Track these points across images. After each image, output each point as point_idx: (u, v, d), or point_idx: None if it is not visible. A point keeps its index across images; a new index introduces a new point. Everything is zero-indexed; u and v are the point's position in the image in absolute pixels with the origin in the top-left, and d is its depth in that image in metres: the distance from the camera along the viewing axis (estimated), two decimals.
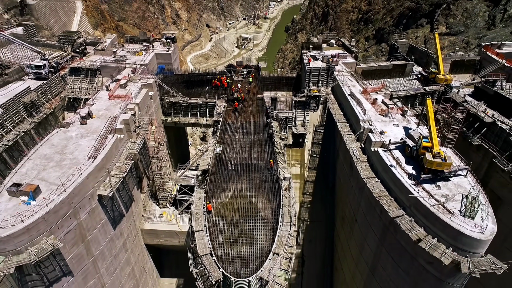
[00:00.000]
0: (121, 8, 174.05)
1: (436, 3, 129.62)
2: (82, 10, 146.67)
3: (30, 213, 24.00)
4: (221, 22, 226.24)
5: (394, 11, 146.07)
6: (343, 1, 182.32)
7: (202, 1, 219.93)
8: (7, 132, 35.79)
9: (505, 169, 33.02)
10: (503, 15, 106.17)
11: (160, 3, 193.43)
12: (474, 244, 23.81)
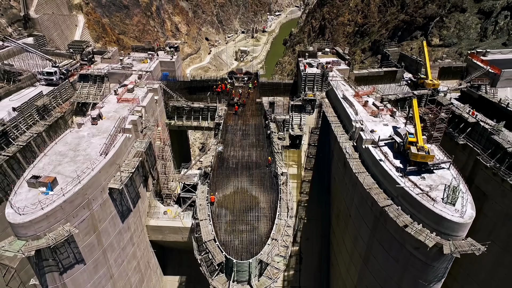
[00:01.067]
0: (121, 22, 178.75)
1: (429, 16, 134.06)
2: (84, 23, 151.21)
3: (48, 202, 26.45)
4: (220, 36, 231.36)
5: (389, 23, 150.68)
6: (339, 14, 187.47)
7: (201, 15, 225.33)
8: (21, 133, 38.42)
9: (488, 165, 35.63)
10: (494, 27, 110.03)
11: (160, 17, 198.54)
12: (455, 228, 26.27)
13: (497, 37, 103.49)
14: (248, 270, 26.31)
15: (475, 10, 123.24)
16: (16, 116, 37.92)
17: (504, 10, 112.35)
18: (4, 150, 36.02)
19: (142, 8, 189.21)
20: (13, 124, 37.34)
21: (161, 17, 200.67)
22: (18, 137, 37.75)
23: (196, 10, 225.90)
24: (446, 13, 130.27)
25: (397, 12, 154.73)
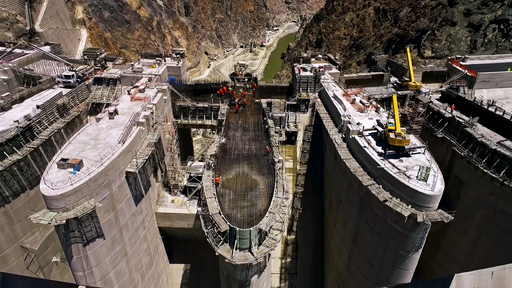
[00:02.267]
0: (123, 36, 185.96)
1: (422, 30, 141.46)
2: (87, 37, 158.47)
3: (76, 179, 31.06)
4: (219, 50, 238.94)
5: (383, 37, 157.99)
6: (335, 28, 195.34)
7: (200, 30, 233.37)
8: (44, 128, 43.18)
9: (462, 154, 40.45)
10: (483, 40, 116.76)
11: (160, 32, 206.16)
12: (426, 199, 30.91)
13: (486, 49, 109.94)
14: (249, 238, 30.73)
15: (465, 24, 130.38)
16: (40, 113, 42.76)
17: (492, 23, 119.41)
18: (29, 142, 40.74)
19: (143, 23, 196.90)
20: (37, 120, 42.14)
21: (162, 31, 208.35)
22: (41, 131, 42.52)
23: (195, 25, 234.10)
24: (437, 26, 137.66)
25: (391, 26, 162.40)
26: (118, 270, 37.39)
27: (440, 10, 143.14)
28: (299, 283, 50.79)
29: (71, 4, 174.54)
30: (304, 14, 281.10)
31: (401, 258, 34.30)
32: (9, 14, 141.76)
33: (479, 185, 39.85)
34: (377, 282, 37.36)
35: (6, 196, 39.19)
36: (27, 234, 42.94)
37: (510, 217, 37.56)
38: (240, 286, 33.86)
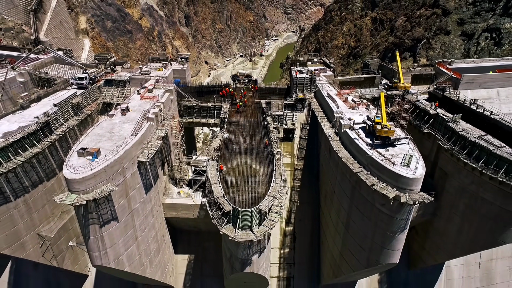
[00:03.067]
0: (125, 46, 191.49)
1: (417, 38, 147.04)
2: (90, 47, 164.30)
3: (95, 165, 35.00)
4: (219, 59, 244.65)
5: (380, 46, 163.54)
6: (333, 38, 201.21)
7: (201, 39, 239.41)
8: (60, 125, 47.23)
9: (445, 147, 44.47)
10: (476, 48, 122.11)
11: (161, 41, 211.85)
12: (409, 182, 34.81)
13: (479, 56, 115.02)
14: (250, 217, 34.53)
15: (458, 33, 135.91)
16: (57, 111, 46.86)
17: (485, 32, 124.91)
18: (47, 137, 44.75)
19: (144, 32, 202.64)
20: (54, 117, 46.22)
21: (163, 41, 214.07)
22: (57, 128, 46.57)
23: (196, 35, 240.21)
24: (432, 35, 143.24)
25: (387, 35, 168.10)
26: (129, 253, 41.05)
27: (435, 20, 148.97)
28: (297, 272, 54.36)
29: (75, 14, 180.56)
30: (302, 25, 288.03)
31: (389, 239, 38.04)
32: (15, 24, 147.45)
33: (461, 176, 43.75)
34: (368, 263, 41.03)
35: (26, 186, 42.98)
36: (43, 223, 46.64)
37: (489, 204, 41.37)
38: (242, 265, 37.54)
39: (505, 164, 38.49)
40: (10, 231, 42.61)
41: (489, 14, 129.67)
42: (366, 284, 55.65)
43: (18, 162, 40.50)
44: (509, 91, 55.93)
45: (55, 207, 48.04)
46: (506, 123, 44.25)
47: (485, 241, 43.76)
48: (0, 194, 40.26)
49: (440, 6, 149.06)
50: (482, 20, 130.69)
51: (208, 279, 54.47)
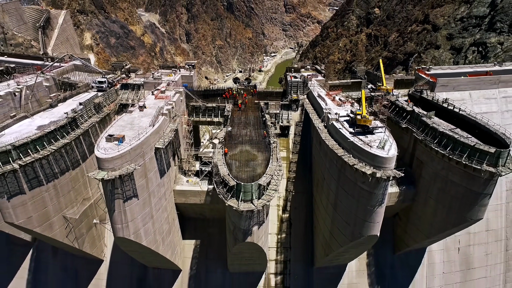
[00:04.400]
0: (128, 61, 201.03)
1: (409, 53, 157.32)
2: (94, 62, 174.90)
3: (121, 148, 42.70)
4: (219, 75, 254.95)
5: (374, 60, 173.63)
6: (330, 53, 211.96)
7: (201, 55, 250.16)
8: (84, 121, 55.07)
9: (420, 138, 52.29)
10: (464, 61, 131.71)
11: (163, 57, 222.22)
12: (383, 161, 42.41)
13: None
14: (251, 191, 41.94)
15: (448, 47, 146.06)
16: (82, 109, 54.82)
17: (472, 46, 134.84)
18: (74, 131, 52.54)
19: (147, 48, 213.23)
20: (80, 114, 54.14)
21: (164, 57, 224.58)
22: (82, 123, 54.42)
23: (196, 51, 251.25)
24: (423, 49, 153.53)
25: (381, 50, 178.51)
26: (146, 229, 48.24)
27: (425, 35, 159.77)
28: (293, 255, 61.32)
29: (80, 31, 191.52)
30: (300, 41, 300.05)
31: (369, 212, 45.38)
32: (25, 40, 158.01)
33: (434, 163, 51.42)
34: (353, 237, 48.20)
35: (55, 173, 50.42)
36: (68, 207, 53.87)
37: (457, 185, 48.94)
38: (244, 235, 44.77)
39: (468, 150, 46.28)
40: (42, 212, 49.83)
41: (476, 29, 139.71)
42: (355, 267, 62.54)
43: (51, 150, 48.11)
44: (480, 93, 64.23)
45: (78, 194, 55.43)
46: (471, 118, 52.29)
47: (455, 220, 51.08)
48: (35, 178, 47.65)
49: (430, 22, 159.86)
50: (469, 35, 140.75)
51: (212, 262, 61.33)
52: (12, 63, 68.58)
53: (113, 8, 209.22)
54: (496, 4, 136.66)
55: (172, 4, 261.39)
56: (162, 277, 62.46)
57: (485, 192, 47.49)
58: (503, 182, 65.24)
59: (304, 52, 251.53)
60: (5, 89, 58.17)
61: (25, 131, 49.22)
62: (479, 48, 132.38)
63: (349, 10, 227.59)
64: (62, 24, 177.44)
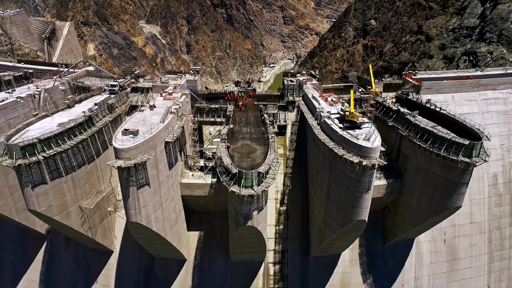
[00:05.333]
0: None
1: (403, 62, 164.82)
2: None
3: (136, 140, 48.76)
4: (219, 85, 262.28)
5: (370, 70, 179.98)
6: (328, 63, 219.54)
7: (201, 66, 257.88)
8: (99, 120, 61.22)
9: (404, 134, 58.42)
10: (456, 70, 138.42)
11: (164, 68, 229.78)
12: (368, 151, 48.37)
13: None
14: (251, 178, 47.82)
15: (440, 57, 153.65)
16: (97, 109, 61.03)
17: (463, 55, 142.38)
18: (90, 128, 58.63)
19: (148, 59, 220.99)
20: (95, 114, 60.32)
21: (165, 67, 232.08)
22: (97, 122, 60.56)
23: (196, 62, 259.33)
24: (417, 59, 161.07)
25: (377, 60, 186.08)
26: (156, 215, 53.94)
27: (419, 45, 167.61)
28: (290, 246, 66.84)
29: (84, 42, 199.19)
30: (299, 52, 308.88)
31: (357, 198, 51.18)
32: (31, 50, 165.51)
33: (417, 156, 57.43)
34: (344, 222, 53.85)
35: (73, 166, 56.25)
36: (83, 198, 59.65)
37: (438, 176, 54.87)
38: (245, 219, 50.50)
39: (446, 143, 52.41)
40: (61, 201, 55.56)
41: (467, 39, 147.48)
42: (348, 257, 68.05)
43: (71, 145, 54.10)
44: (462, 96, 70.70)
45: (92, 187, 61.21)
46: (450, 116, 58.56)
47: (437, 208, 56.85)
48: (56, 170, 53.52)
49: (424, 33, 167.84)
50: (461, 45, 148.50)
51: (215, 252, 66.81)
52: (30, 69, 75.18)
53: (116, 20, 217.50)
54: (485, 16, 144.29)
55: (172, 16, 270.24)
56: (168, 267, 67.80)
57: (462, 181, 53.45)
58: (485, 177, 71.27)
59: (303, 62, 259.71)
60: (26, 91, 64.48)
61: (47, 127, 55.27)
62: (470, 57, 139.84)
63: (346, 22, 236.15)
64: (66, 35, 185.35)
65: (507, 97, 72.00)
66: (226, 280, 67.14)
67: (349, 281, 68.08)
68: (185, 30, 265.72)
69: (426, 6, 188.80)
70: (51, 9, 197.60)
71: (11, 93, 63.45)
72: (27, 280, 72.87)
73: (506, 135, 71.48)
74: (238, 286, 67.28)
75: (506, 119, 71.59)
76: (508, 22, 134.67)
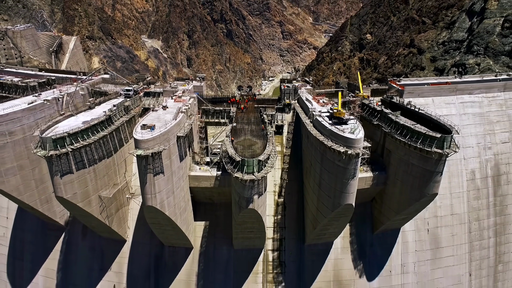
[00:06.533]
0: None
1: (397, 74, 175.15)
2: None
3: (154, 133, 57.89)
4: None
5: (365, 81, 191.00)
6: (325, 76, 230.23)
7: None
8: (118, 119, 70.42)
9: (386, 131, 67.61)
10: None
11: (165, 80, 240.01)
12: (353, 142, 57.29)
13: None
14: (252, 165, 56.74)
15: (431, 68, 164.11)
16: (115, 109, 70.35)
17: (453, 67, 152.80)
18: (110, 126, 67.78)
19: (150, 72, 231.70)
20: (114, 114, 69.58)
21: (167, 80, 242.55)
22: (116, 121, 69.75)
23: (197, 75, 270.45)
24: (409, 71, 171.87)
25: (372, 72, 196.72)
26: (168, 201, 62.57)
27: (411, 58, 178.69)
28: (287, 234, 75.30)
29: (89, 55, 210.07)
30: (297, 66, 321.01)
31: (345, 184, 59.95)
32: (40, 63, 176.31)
33: (398, 150, 66.44)
34: (333, 206, 62.49)
35: (95, 159, 65.10)
36: (103, 189, 68.37)
37: (416, 167, 63.62)
38: (247, 202, 59.17)
39: (421, 137, 61.51)
40: (84, 190, 64.22)
41: (456, 52, 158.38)
42: (340, 245, 76.43)
43: (94, 139, 63.15)
44: (441, 99, 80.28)
45: (110, 179, 70.01)
46: (427, 115, 67.86)
47: (416, 195, 65.43)
48: (81, 161, 62.38)
49: (416, 46, 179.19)
50: (450, 57, 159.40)
51: (219, 240, 75.17)
52: (52, 76, 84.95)
53: (119, 34, 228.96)
54: (473, 30, 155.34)
55: (174, 31, 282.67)
56: (177, 254, 76.08)
57: (437, 170, 62.28)
58: (463, 173, 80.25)
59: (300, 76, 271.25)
60: (51, 95, 73.88)
61: (73, 125, 64.30)
62: (459, 68, 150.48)
63: (343, 36, 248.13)
64: (72, 49, 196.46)
65: (482, 101, 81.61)
66: (229, 266, 75.34)
67: (341, 267, 76.31)
68: (186, 44, 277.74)
69: (420, 21, 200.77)
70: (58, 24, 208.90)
71: (38, 97, 72.68)
72: (45, 269, 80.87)
73: (482, 135, 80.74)
74: (240, 271, 75.41)
75: (481, 120, 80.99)
76: (493, 36, 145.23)
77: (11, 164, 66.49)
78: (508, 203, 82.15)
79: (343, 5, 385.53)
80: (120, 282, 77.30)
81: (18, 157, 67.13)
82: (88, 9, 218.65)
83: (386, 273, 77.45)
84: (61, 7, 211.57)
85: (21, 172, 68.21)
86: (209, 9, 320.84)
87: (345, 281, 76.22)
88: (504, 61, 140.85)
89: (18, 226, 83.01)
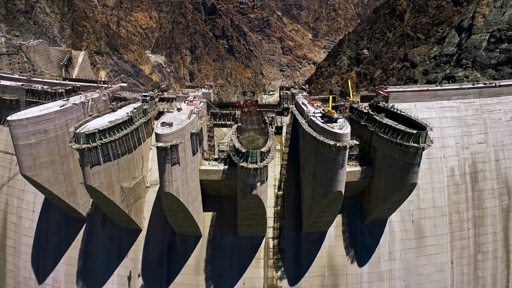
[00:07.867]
0: None
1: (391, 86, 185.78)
2: None
3: (172, 129, 69.83)
4: None
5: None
6: (323, 90, 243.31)
7: None
8: (137, 120, 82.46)
9: (372, 130, 79.53)
10: None
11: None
12: (341, 136, 68.84)
13: None
14: (256, 156, 68.45)
15: (424, 81, 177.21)
16: (135, 111, 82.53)
17: (444, 79, 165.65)
18: (131, 125, 79.77)
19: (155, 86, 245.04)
20: (134, 115, 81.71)
21: None
22: (136, 121, 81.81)
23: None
24: (403, 84, 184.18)
25: (368, 85, 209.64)
26: (183, 189, 73.98)
27: (405, 71, 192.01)
28: (286, 224, 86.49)
29: (96, 69, 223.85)
30: (297, 80, 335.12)
31: (335, 174, 71.38)
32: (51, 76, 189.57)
33: (383, 146, 78.22)
34: (325, 194, 73.88)
35: (118, 153, 76.71)
36: (124, 180, 79.94)
37: (397, 160, 75.20)
38: (250, 188, 70.56)
39: (401, 133, 73.49)
40: (109, 180, 75.75)
41: (447, 65, 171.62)
42: (333, 233, 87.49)
43: (120, 135, 75.02)
44: (422, 104, 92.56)
45: (130, 173, 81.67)
46: (407, 116, 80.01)
47: (398, 185, 76.92)
48: (107, 155, 74.12)
49: (409, 60, 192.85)
50: (441, 70, 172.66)
51: (225, 229, 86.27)
52: (77, 84, 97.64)
53: (125, 50, 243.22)
54: (461, 44, 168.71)
55: (177, 46, 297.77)
56: (187, 242, 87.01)
57: (414, 162, 73.85)
58: (444, 170, 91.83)
59: None
60: (78, 100, 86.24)
61: (100, 123, 76.33)
62: (449, 81, 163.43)
63: (341, 51, 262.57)
64: (81, 63, 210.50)
65: (459, 106, 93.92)
66: (234, 253, 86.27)
67: (334, 253, 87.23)
68: (188, 59, 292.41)
69: (414, 37, 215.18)
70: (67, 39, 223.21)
71: (67, 101, 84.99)
72: (67, 258, 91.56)
73: (460, 136, 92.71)
74: (244, 257, 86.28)
75: (459, 123, 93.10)
76: (480, 50, 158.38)
77: (45, 159, 77.91)
78: (485, 198, 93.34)
79: (342, 22, 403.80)
80: (136, 268, 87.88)
81: (51, 153, 78.61)
82: (96, 25, 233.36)
83: (375, 260, 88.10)
84: (70, 23, 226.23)
85: (52, 166, 79.55)
86: (211, 26, 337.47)
87: (338, 266, 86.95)
88: (490, 74, 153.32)
89: (43, 219, 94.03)
